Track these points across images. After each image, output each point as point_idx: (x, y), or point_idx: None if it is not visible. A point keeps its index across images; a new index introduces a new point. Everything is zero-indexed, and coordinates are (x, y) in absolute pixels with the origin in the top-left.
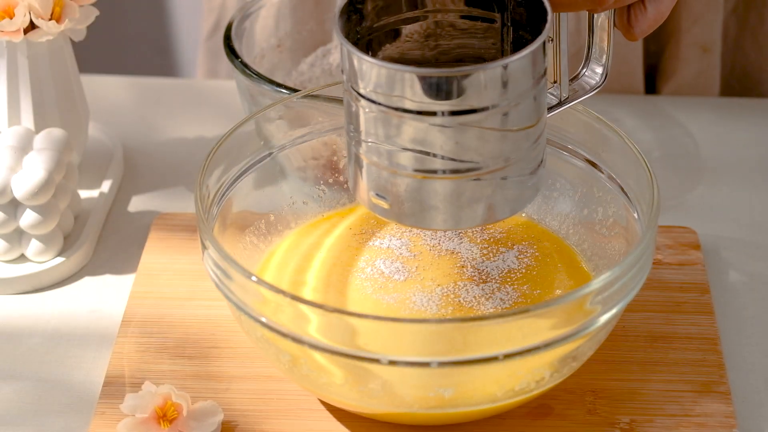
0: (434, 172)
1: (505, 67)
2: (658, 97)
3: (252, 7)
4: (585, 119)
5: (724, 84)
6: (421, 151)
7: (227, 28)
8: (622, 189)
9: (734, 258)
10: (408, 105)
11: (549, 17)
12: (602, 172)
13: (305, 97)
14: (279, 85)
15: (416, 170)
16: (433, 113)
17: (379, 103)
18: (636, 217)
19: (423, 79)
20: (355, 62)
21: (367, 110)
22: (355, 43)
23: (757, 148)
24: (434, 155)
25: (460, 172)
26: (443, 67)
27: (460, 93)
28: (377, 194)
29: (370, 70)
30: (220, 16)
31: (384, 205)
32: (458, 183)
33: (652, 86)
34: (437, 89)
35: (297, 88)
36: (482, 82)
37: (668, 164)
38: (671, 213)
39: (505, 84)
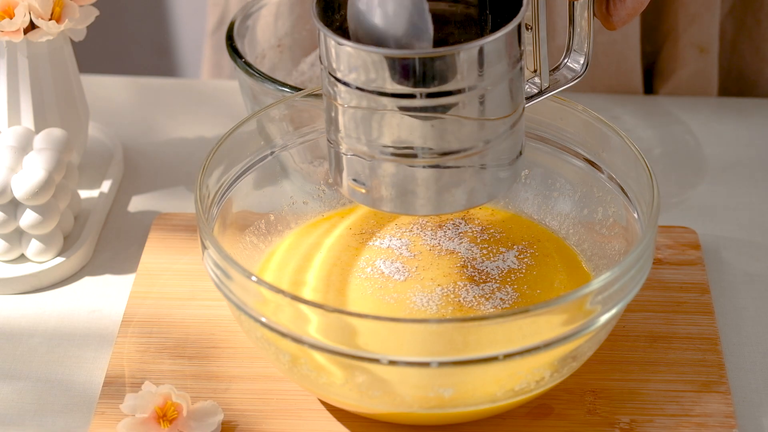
0: (413, 156)
1: (479, 49)
2: (658, 96)
3: (253, 7)
4: (585, 119)
5: (720, 86)
6: (398, 137)
7: (229, 27)
8: (622, 189)
9: (734, 258)
10: (384, 88)
11: (524, 1)
12: (602, 172)
13: (308, 96)
14: (282, 84)
15: (394, 155)
16: (410, 96)
17: (356, 87)
18: (636, 216)
19: (399, 61)
20: (332, 47)
21: (343, 95)
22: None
23: (758, 148)
24: (411, 140)
25: (437, 157)
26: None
27: (436, 75)
28: (354, 180)
29: (347, 54)
30: (225, 11)
31: (361, 190)
32: (436, 168)
33: (649, 86)
34: (413, 71)
35: (298, 87)
36: (458, 63)
37: (668, 164)
38: (671, 213)
39: (480, 65)
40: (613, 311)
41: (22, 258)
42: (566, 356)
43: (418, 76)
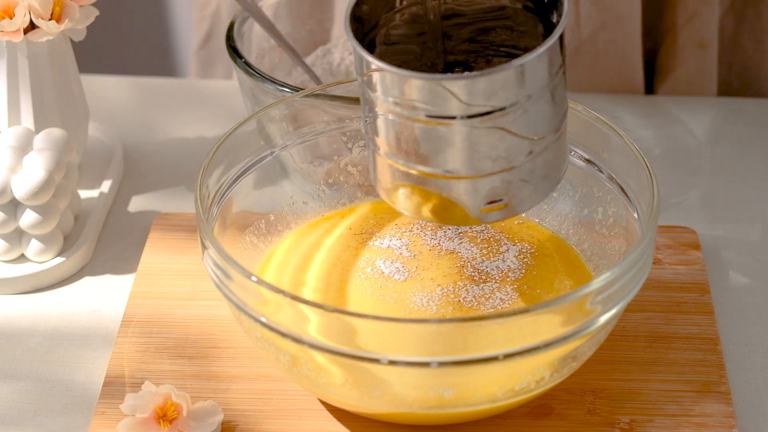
0: (450, 173)
1: (521, 68)
2: (658, 96)
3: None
4: (585, 119)
5: (722, 81)
6: (435, 153)
7: (229, 28)
8: (622, 189)
9: (734, 258)
10: (428, 110)
11: (565, 8)
12: (602, 172)
13: (308, 96)
14: (282, 84)
15: (433, 172)
16: (451, 117)
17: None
18: (636, 216)
19: (440, 84)
20: (387, 79)
21: (382, 112)
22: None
23: (758, 147)
24: (450, 156)
25: (476, 173)
26: (456, 60)
27: (479, 95)
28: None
29: (399, 82)
30: (213, 24)
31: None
32: (475, 182)
33: (649, 83)
34: (454, 94)
35: (299, 87)
36: (502, 81)
37: (668, 164)
38: (671, 213)
39: (522, 81)
40: (613, 311)
41: (22, 258)
42: (566, 356)
43: (463, 97)
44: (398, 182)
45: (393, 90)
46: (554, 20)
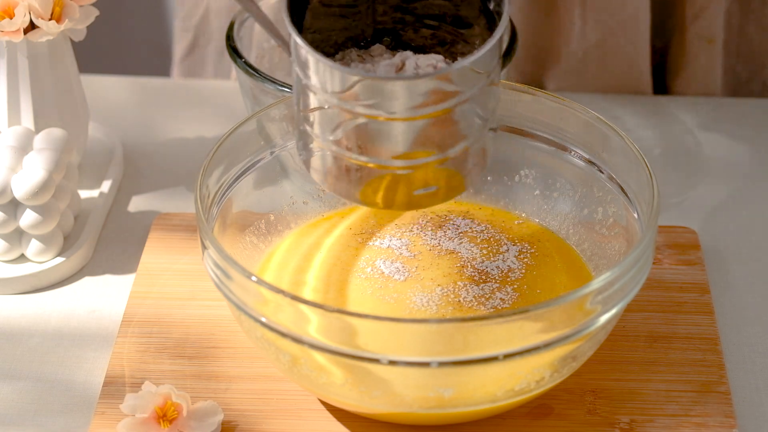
0: (386, 164)
1: (462, 69)
2: (658, 96)
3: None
4: (585, 119)
5: (729, 71)
6: (371, 144)
7: (229, 28)
8: (622, 189)
9: (734, 258)
10: (366, 109)
11: (505, 10)
12: (602, 172)
13: None
14: (282, 84)
15: (368, 161)
16: (390, 113)
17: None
18: (636, 216)
19: (381, 83)
20: (321, 68)
21: (318, 100)
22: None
23: (758, 147)
24: (386, 148)
25: (411, 164)
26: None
27: (420, 94)
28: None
29: (332, 75)
30: (197, 35)
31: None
32: (409, 172)
33: (661, 83)
34: (393, 93)
35: None
36: (443, 83)
37: (668, 164)
38: (671, 213)
39: (462, 79)
40: (613, 311)
41: (22, 258)
42: (566, 356)
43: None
44: (329, 164)
45: (332, 83)
46: (490, 7)
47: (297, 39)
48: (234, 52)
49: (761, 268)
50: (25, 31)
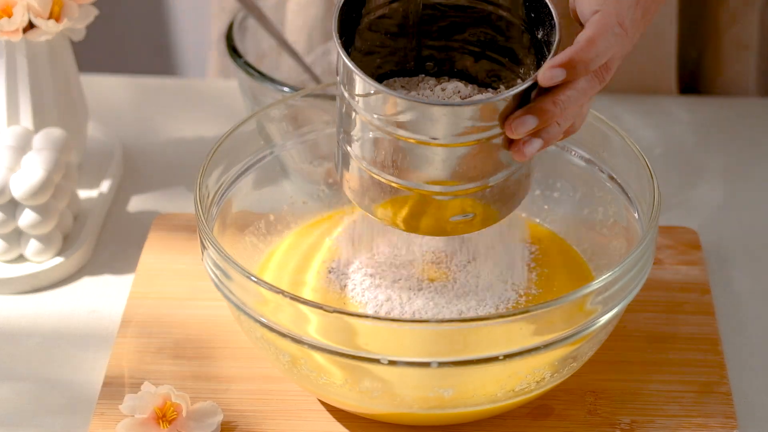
0: (425, 189)
1: (506, 100)
2: (659, 96)
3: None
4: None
5: (762, 75)
6: (412, 169)
7: (229, 28)
8: (623, 189)
9: (735, 258)
10: (404, 128)
11: (556, 36)
12: (603, 172)
13: (308, 95)
14: (282, 84)
15: (407, 186)
16: (433, 138)
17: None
18: (636, 217)
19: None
20: (371, 92)
21: (362, 122)
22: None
23: (758, 147)
24: (427, 173)
25: (450, 190)
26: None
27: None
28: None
29: (385, 101)
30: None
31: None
32: (448, 198)
33: (696, 91)
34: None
35: (299, 87)
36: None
37: (669, 164)
38: (672, 213)
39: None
40: (614, 311)
41: (21, 258)
42: (567, 356)
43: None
44: (370, 189)
45: (377, 106)
46: (539, 36)
47: (344, 58)
48: (234, 52)
49: (762, 268)
50: (24, 31)
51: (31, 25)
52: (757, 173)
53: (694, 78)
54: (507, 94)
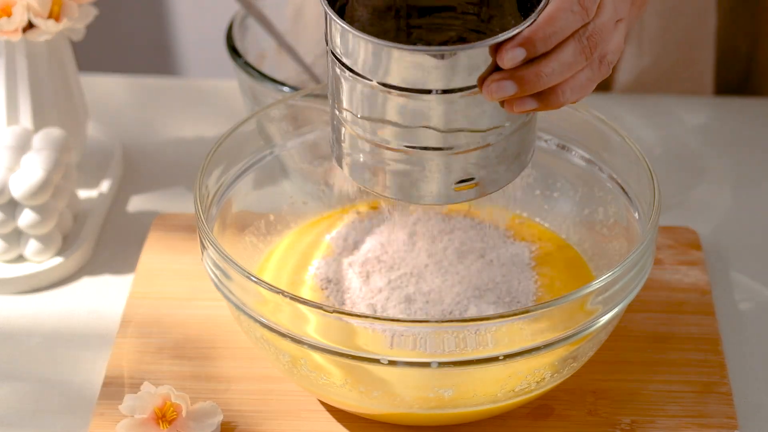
0: (425, 148)
1: (496, 46)
2: (658, 96)
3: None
4: (585, 118)
5: None
6: (410, 127)
7: (228, 28)
8: (623, 189)
9: (735, 258)
10: (399, 83)
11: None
12: (603, 172)
13: (308, 95)
14: (282, 84)
15: (407, 146)
16: (428, 91)
17: (369, 79)
18: (637, 217)
19: (419, 55)
20: (361, 46)
21: (357, 86)
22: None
23: (758, 147)
24: (425, 130)
25: (450, 149)
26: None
27: (456, 70)
28: (364, 167)
29: (366, 49)
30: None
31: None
32: (448, 158)
33: (746, 88)
34: (434, 67)
35: (299, 87)
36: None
37: (669, 164)
38: (672, 213)
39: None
40: (614, 311)
41: (20, 258)
42: (567, 357)
43: (440, 71)
44: (366, 157)
45: (368, 60)
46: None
47: (333, 17)
48: (234, 52)
49: (762, 268)
50: (24, 31)
51: (30, 25)
52: (758, 173)
53: (746, 76)
54: (492, 41)
